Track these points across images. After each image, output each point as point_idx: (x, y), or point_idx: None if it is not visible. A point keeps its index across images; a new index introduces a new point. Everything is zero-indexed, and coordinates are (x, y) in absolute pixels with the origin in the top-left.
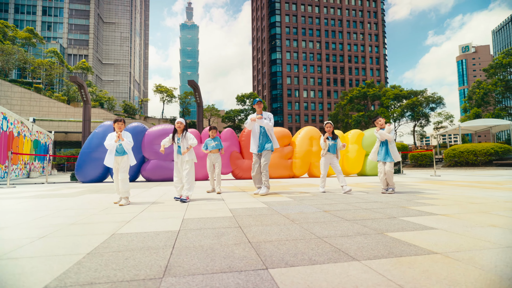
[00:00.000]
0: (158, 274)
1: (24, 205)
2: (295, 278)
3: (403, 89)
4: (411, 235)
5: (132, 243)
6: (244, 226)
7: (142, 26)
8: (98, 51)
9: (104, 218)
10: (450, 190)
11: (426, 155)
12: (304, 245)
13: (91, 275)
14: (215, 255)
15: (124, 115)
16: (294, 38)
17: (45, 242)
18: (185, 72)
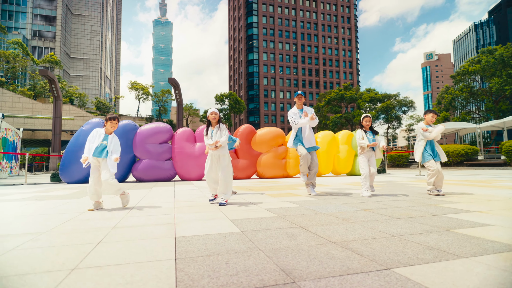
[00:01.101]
0: (285, 279)
1: (34, 208)
2: (431, 276)
3: (378, 92)
4: (478, 231)
5: (210, 245)
6: (304, 226)
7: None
8: (66, 44)
9: (145, 221)
10: (451, 188)
11: (403, 156)
12: (390, 243)
13: (214, 283)
14: (316, 256)
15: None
16: (271, 39)
17: (108, 248)
18: (158, 70)
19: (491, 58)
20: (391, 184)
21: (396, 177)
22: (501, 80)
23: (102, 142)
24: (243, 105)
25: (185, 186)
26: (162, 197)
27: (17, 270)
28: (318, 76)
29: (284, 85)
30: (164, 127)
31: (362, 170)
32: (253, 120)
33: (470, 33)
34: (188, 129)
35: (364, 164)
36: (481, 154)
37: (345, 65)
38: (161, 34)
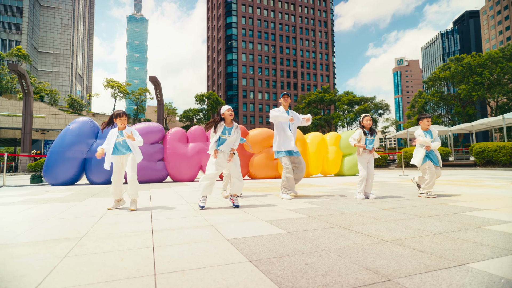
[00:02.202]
0: (379, 278)
1: (40, 212)
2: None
3: (356, 95)
4: (506, 228)
5: (270, 247)
6: (344, 226)
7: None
8: (34, 38)
9: (178, 224)
10: (441, 188)
11: (382, 157)
12: (441, 240)
13: (308, 284)
14: (387, 255)
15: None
16: (250, 40)
17: (171, 251)
18: (132, 67)
19: (459, 65)
20: (384, 184)
21: (383, 178)
22: (468, 87)
23: (118, 139)
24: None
25: (182, 187)
26: (170, 199)
27: (93, 279)
28: (296, 78)
29: (263, 86)
30: (156, 127)
31: (360, 172)
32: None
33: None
34: (180, 129)
35: (363, 166)
36: (452, 155)
37: (322, 67)
38: (135, 30)
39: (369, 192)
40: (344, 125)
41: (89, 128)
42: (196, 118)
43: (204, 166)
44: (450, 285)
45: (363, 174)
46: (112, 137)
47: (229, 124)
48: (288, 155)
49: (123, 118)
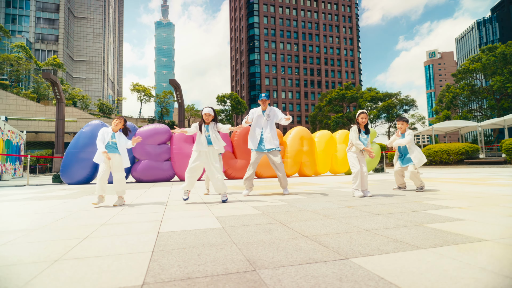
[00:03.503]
0: (247, 268)
1: (32, 207)
2: (382, 265)
3: (379, 91)
4: (449, 225)
5: (187, 240)
6: (284, 222)
7: (116, 22)
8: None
9: (131, 218)
10: (444, 186)
11: None
12: (359, 236)
13: (182, 272)
14: (284, 248)
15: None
16: (272, 39)
17: (92, 243)
18: (160, 71)
19: (491, 56)
20: (386, 182)
21: (392, 176)
22: (502, 78)
23: (111, 140)
24: (245, 105)
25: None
26: (157, 197)
27: (5, 262)
28: (320, 76)
29: (286, 85)
30: (163, 128)
31: (353, 168)
32: None
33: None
34: None
35: (355, 160)
36: (482, 152)
37: (347, 64)
38: (163, 35)
39: (365, 190)
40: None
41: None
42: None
43: None
44: (306, 276)
45: (357, 168)
46: (107, 136)
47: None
48: (257, 150)
49: (118, 121)
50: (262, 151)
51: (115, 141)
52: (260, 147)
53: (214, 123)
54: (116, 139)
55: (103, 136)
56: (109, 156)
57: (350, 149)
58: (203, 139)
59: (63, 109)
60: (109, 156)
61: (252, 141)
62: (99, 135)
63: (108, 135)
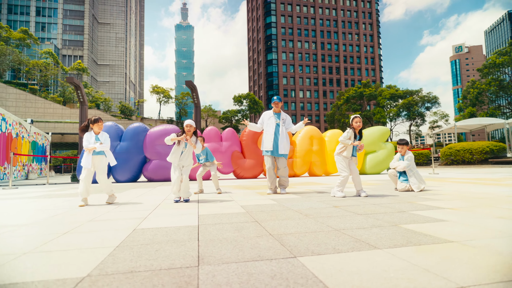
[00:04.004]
0: (192, 263)
1: (35, 205)
2: (325, 264)
3: (399, 88)
4: (425, 226)
5: (157, 236)
6: (260, 220)
7: (137, 26)
8: (93, 52)
9: (118, 215)
10: (451, 186)
11: (423, 154)
12: (324, 236)
13: (129, 265)
14: (242, 246)
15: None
16: (290, 38)
17: (70, 237)
18: (180, 73)
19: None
20: (391, 182)
21: None
22: None
23: (95, 142)
24: (261, 105)
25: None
26: (157, 196)
27: None
28: (339, 74)
29: (304, 84)
30: (173, 128)
31: (343, 172)
32: None
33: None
34: None
35: (345, 166)
36: (510, 151)
37: (367, 61)
38: (183, 38)
39: (360, 189)
40: (386, 121)
41: (114, 131)
42: (234, 119)
43: None
44: (242, 273)
45: (345, 174)
46: (91, 139)
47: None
48: (269, 154)
49: (100, 124)
50: (275, 155)
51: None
52: (274, 151)
53: (195, 137)
54: (102, 141)
55: (87, 141)
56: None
57: (340, 152)
58: (178, 152)
59: (86, 111)
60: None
61: (267, 143)
62: (84, 141)
63: (92, 139)
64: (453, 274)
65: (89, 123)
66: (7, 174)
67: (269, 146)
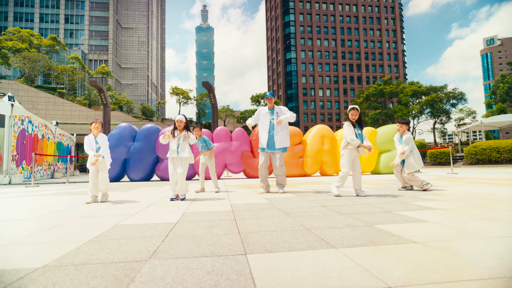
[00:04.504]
0: (144, 257)
1: (44, 201)
2: (269, 262)
3: (422, 85)
4: (400, 227)
5: (130, 232)
6: (239, 219)
7: (158, 30)
8: (117, 56)
9: (110, 212)
10: (461, 187)
11: (445, 153)
12: (290, 235)
13: (86, 258)
14: (202, 243)
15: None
16: (309, 36)
17: (54, 232)
18: (201, 74)
19: None
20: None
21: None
22: None
23: (96, 145)
24: (279, 104)
25: (194, 184)
26: (158, 194)
27: None
28: (360, 71)
29: (323, 83)
30: None
31: (343, 168)
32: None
33: None
34: (206, 130)
35: (347, 162)
36: None
37: (390, 57)
38: (203, 39)
39: (358, 188)
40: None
41: (128, 132)
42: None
43: (228, 165)
44: (182, 268)
45: (346, 170)
46: (92, 142)
47: (180, 131)
48: (264, 151)
49: (97, 124)
50: (271, 150)
51: (99, 146)
52: (269, 147)
53: (185, 131)
54: (100, 144)
55: (89, 145)
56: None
57: (345, 147)
58: (174, 147)
59: (109, 113)
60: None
61: (262, 140)
62: (86, 145)
63: (93, 142)
64: (390, 274)
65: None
66: (33, 173)
67: (264, 143)
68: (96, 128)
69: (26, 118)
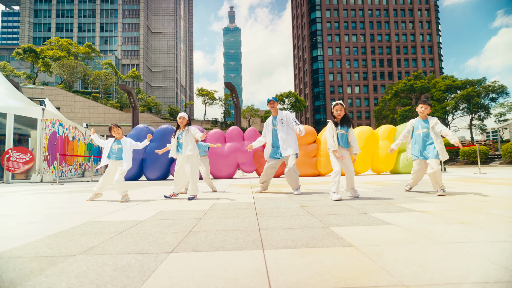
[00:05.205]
0: (76, 253)
1: (56, 198)
2: (183, 261)
3: (457, 79)
4: (354, 229)
5: (93, 229)
6: (205, 218)
7: (186, 33)
8: (148, 60)
9: (97, 210)
10: (474, 188)
11: (481, 151)
12: (234, 235)
13: (27, 252)
14: (144, 240)
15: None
16: (336, 32)
17: (30, 226)
18: (228, 75)
19: None
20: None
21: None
22: None
23: (117, 146)
24: (304, 103)
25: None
26: (159, 193)
27: None
28: (391, 66)
29: (352, 79)
30: (197, 127)
31: (334, 167)
32: (319, 118)
33: None
34: (219, 130)
35: (335, 161)
36: None
37: (424, 51)
38: (230, 40)
39: (351, 189)
40: (442, 115)
41: (145, 133)
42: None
43: (241, 164)
44: (96, 263)
45: (337, 168)
46: (108, 143)
47: (182, 128)
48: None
49: (115, 129)
50: (277, 158)
51: (121, 147)
52: (273, 155)
53: (187, 128)
54: (122, 145)
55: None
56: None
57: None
58: (174, 146)
59: (137, 115)
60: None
61: (266, 153)
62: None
63: (110, 143)
64: (284, 278)
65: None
66: (64, 172)
67: (267, 154)
68: (115, 133)
69: (57, 121)
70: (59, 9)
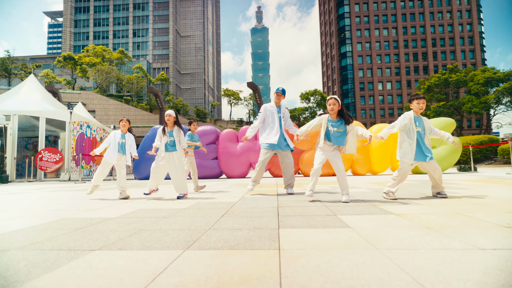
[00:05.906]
0: (67, 251)
1: (67, 195)
2: (103, 259)
3: (498, 70)
4: (302, 232)
5: (65, 226)
6: (178, 216)
7: (214, 35)
8: (177, 63)
9: (82, 206)
10: (487, 189)
11: None
12: (176, 234)
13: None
14: (112, 238)
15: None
16: (365, 27)
17: (16, 220)
18: (257, 75)
19: None
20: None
21: (468, 175)
22: None
23: (121, 140)
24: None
25: (211, 182)
26: (160, 192)
27: None
28: (426, 60)
29: (383, 75)
30: (210, 129)
31: (314, 165)
32: None
33: None
34: (232, 130)
35: (318, 158)
36: None
37: (463, 42)
38: (258, 40)
39: (343, 193)
40: (480, 111)
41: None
42: (302, 116)
43: (253, 163)
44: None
45: (315, 167)
46: (117, 137)
47: (171, 127)
48: (271, 148)
49: (124, 122)
50: (280, 149)
51: (124, 141)
52: (279, 145)
53: (177, 127)
54: (126, 139)
55: (113, 137)
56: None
57: (318, 144)
58: (163, 146)
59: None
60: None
61: (272, 136)
62: (111, 138)
63: (117, 136)
64: (166, 281)
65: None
66: (92, 172)
67: (275, 139)
68: (124, 126)
69: (84, 123)
70: (96, 18)
